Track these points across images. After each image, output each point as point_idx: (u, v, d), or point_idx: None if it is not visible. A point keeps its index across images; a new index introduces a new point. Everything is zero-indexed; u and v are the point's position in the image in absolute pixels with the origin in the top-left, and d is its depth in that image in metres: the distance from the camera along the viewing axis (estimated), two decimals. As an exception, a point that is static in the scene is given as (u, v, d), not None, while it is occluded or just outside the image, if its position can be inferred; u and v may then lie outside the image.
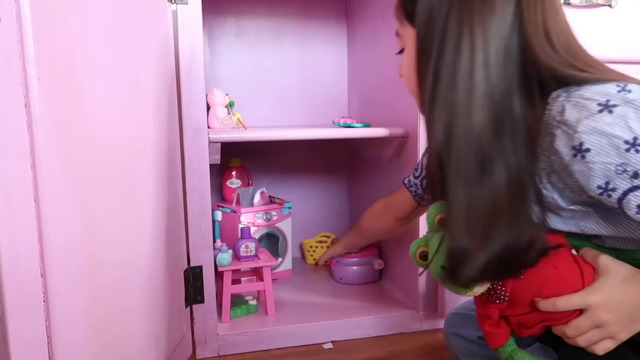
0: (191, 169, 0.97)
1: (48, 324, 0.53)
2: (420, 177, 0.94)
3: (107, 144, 0.65)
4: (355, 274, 1.33)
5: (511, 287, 0.64)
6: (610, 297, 0.57)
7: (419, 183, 0.93)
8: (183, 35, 0.94)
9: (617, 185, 0.52)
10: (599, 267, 0.59)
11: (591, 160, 0.52)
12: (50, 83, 0.52)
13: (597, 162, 0.52)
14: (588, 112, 0.52)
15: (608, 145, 0.51)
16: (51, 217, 0.53)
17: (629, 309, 0.56)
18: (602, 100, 0.51)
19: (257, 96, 1.54)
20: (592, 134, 0.51)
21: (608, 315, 0.57)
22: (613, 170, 0.51)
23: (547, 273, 0.61)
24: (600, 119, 0.51)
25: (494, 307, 0.66)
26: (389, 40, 1.23)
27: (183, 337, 0.96)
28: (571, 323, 0.59)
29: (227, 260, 1.08)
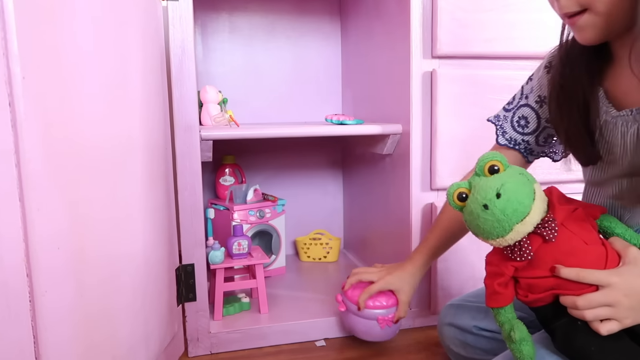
0: (183, 166, 0.97)
1: (34, 324, 0.52)
2: (534, 130, 0.81)
3: (94, 141, 0.65)
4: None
5: (537, 247, 0.63)
6: (631, 283, 0.59)
7: (531, 139, 0.82)
8: (174, 32, 0.94)
9: None
10: (627, 256, 0.61)
11: None
12: (35, 81, 0.52)
13: None
14: None
15: None
16: (37, 215, 0.52)
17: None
18: None
19: (250, 93, 1.54)
20: None
21: (623, 297, 0.59)
22: None
23: (577, 245, 0.63)
24: None
25: (510, 265, 0.65)
26: (382, 36, 1.23)
27: (175, 336, 0.96)
28: (585, 295, 0.60)
29: (219, 258, 1.08)
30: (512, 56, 1.09)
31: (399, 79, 1.12)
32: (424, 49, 1.07)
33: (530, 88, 0.81)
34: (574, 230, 0.63)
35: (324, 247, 1.52)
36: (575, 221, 0.64)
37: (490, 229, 0.63)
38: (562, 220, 0.64)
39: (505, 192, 0.62)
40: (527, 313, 0.75)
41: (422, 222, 1.11)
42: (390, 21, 1.17)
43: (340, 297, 1.00)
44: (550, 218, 0.63)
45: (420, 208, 1.10)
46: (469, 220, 0.66)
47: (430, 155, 1.09)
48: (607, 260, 0.62)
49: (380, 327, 0.95)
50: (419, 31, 1.06)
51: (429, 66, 1.07)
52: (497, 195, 0.62)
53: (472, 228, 0.67)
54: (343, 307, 0.99)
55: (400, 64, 1.11)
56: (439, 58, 1.07)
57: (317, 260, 1.52)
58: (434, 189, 1.10)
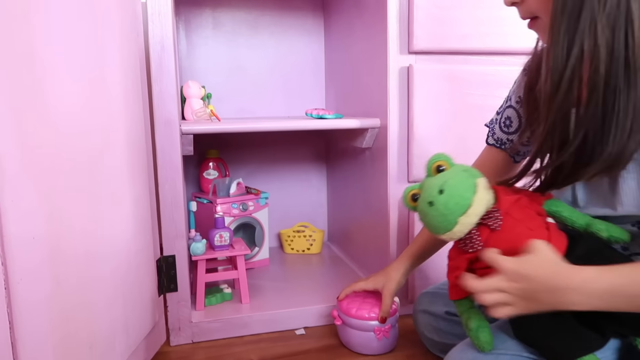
0: (163, 160, 0.99)
1: (10, 310, 0.55)
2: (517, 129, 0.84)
3: (70, 135, 0.67)
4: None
5: (486, 237, 0.67)
6: (525, 270, 0.60)
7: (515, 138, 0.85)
8: (153, 28, 0.95)
9: None
10: (530, 246, 0.62)
11: None
12: (8, 78, 0.54)
13: None
14: None
15: None
16: (11, 207, 0.54)
17: (535, 287, 0.60)
18: None
19: (234, 88, 1.55)
20: None
21: (514, 284, 0.60)
22: None
23: (521, 232, 0.65)
24: None
25: (465, 258, 0.69)
26: (362, 32, 1.25)
27: (156, 325, 0.98)
28: (483, 279, 0.63)
29: (200, 249, 1.10)
30: (486, 52, 1.11)
31: (377, 74, 1.15)
32: (401, 45, 1.09)
33: (513, 90, 0.84)
34: (518, 218, 0.66)
35: (308, 240, 1.54)
36: (520, 209, 0.67)
37: (437, 224, 0.68)
38: (506, 209, 0.67)
39: (448, 188, 0.67)
40: None
41: (400, 213, 1.14)
42: (369, 17, 1.19)
43: (335, 312, 1.01)
44: (494, 209, 0.67)
45: (398, 200, 1.13)
46: (422, 219, 0.72)
47: (407, 149, 1.12)
48: (550, 239, 0.64)
49: (377, 338, 0.95)
50: (396, 27, 1.08)
51: (405, 61, 1.10)
52: (440, 192, 0.67)
53: (426, 225, 0.71)
54: (339, 321, 0.99)
55: (378, 59, 1.13)
56: (416, 53, 1.10)
57: (301, 252, 1.55)
58: (411, 181, 1.13)
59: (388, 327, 0.96)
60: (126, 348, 0.84)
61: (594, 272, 0.58)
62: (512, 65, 0.86)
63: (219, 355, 1.00)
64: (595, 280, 0.58)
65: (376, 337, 0.95)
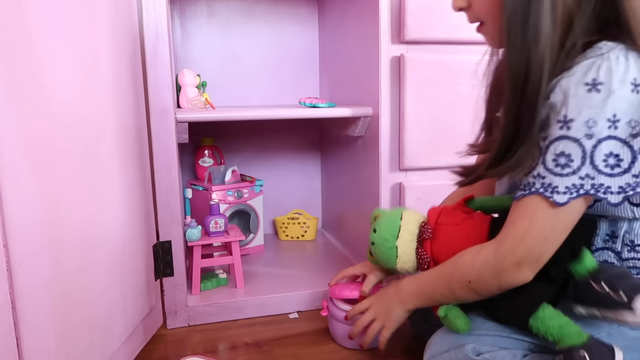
0: (158, 147, 1.01)
1: (12, 291, 0.57)
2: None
3: (66, 123, 0.68)
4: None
5: (430, 249, 0.80)
6: (379, 297, 0.87)
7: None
8: (147, 17, 0.96)
9: None
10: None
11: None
12: (5, 66, 0.55)
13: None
14: None
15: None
16: (11, 192, 0.56)
17: (387, 304, 0.84)
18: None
19: (229, 76, 1.57)
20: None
21: (379, 309, 0.85)
22: None
23: (451, 230, 0.80)
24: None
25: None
26: (354, 21, 1.26)
27: (152, 308, 1.01)
28: (357, 323, 0.87)
29: (196, 235, 1.12)
30: (476, 42, 1.12)
31: (369, 63, 1.16)
32: (393, 34, 1.11)
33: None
34: (445, 222, 0.81)
35: (302, 227, 1.57)
36: (446, 216, 0.82)
37: (384, 256, 0.86)
38: (434, 221, 0.83)
39: (378, 225, 0.88)
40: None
41: (391, 201, 1.16)
42: (362, 7, 1.20)
43: (325, 303, 1.01)
44: (423, 224, 0.83)
45: (389, 187, 1.16)
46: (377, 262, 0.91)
47: (399, 137, 1.14)
48: (475, 227, 0.77)
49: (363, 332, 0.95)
50: (387, 17, 1.10)
51: (397, 51, 1.11)
52: (374, 230, 0.88)
53: (381, 265, 0.90)
54: (325, 312, 1.00)
55: (370, 48, 1.15)
56: (407, 43, 1.11)
57: (295, 239, 1.58)
58: (402, 170, 1.15)
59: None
60: (124, 330, 0.87)
61: (403, 284, 0.83)
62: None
63: (214, 338, 1.03)
64: (404, 290, 0.82)
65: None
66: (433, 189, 1.15)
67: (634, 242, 0.69)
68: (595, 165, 0.60)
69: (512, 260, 0.66)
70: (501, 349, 0.71)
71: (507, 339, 0.71)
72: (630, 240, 0.69)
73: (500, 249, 0.67)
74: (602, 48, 0.60)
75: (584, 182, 0.60)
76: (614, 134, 0.59)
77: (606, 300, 0.64)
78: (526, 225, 0.65)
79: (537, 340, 0.70)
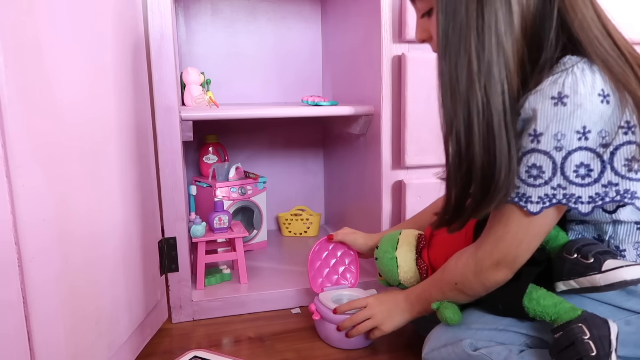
0: (163, 145, 1.03)
1: (23, 286, 0.59)
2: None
3: (75, 123, 0.70)
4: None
5: (427, 257, 0.86)
6: (381, 299, 0.90)
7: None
8: (152, 18, 0.98)
9: None
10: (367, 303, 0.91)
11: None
12: (17, 69, 0.57)
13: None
14: None
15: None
16: (22, 191, 0.58)
17: (388, 307, 0.88)
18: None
19: (233, 74, 1.58)
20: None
21: (376, 310, 0.88)
22: None
23: (445, 237, 0.86)
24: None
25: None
26: (357, 20, 1.28)
27: (158, 303, 1.03)
28: (351, 317, 0.90)
29: (200, 231, 1.14)
30: (477, 40, 1.14)
31: (371, 62, 1.18)
32: (394, 33, 1.12)
33: None
34: (439, 231, 0.87)
35: (305, 223, 1.59)
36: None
37: (387, 267, 0.93)
38: (430, 232, 0.91)
39: (380, 243, 0.97)
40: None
41: (392, 199, 1.18)
42: (364, 6, 1.22)
43: (313, 307, 0.99)
44: (419, 235, 0.93)
45: (390, 185, 1.17)
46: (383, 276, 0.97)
47: (400, 135, 1.15)
48: (466, 230, 0.80)
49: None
50: (389, 16, 1.11)
51: (398, 50, 1.12)
52: (377, 248, 0.97)
53: (386, 279, 0.96)
54: (317, 316, 0.98)
55: (372, 47, 1.16)
56: (408, 42, 1.13)
57: (298, 235, 1.60)
58: (403, 167, 1.17)
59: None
60: (130, 324, 0.89)
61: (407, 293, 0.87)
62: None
63: (218, 332, 1.05)
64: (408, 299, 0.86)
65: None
66: (434, 186, 1.16)
67: (619, 247, 0.71)
68: (567, 176, 0.62)
69: (489, 262, 0.71)
70: (498, 344, 0.72)
71: (503, 332, 0.73)
72: (616, 245, 0.71)
73: (479, 252, 0.72)
74: (566, 63, 0.62)
75: (556, 192, 0.63)
76: (584, 145, 0.61)
77: (579, 268, 0.67)
78: (501, 231, 0.69)
79: (533, 332, 0.72)
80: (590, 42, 0.62)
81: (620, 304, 0.70)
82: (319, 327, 1.00)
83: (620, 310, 0.70)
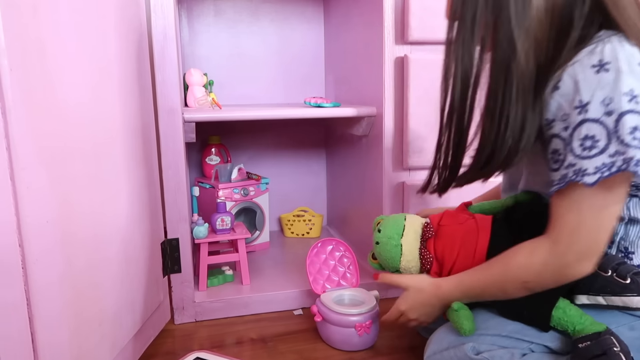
0: (166, 147, 1.03)
1: (27, 288, 0.59)
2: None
3: (78, 125, 0.71)
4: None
5: (434, 248, 0.83)
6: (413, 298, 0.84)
7: None
8: (155, 19, 0.98)
9: None
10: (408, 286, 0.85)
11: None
12: (22, 72, 0.58)
13: None
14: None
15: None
16: (26, 193, 0.58)
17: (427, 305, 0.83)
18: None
19: (236, 75, 1.59)
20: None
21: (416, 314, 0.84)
22: None
23: (454, 229, 0.83)
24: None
25: (433, 273, 0.84)
26: (359, 21, 1.28)
27: (160, 304, 1.03)
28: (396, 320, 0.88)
29: (202, 233, 1.15)
30: (480, 42, 1.14)
31: (374, 63, 1.18)
32: (396, 35, 1.12)
33: None
34: (448, 223, 0.85)
35: (307, 224, 1.59)
36: (448, 217, 0.86)
37: (389, 254, 0.88)
38: (437, 222, 0.86)
39: (383, 225, 0.90)
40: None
41: (394, 200, 1.18)
42: (366, 7, 1.22)
43: (315, 308, 1.00)
44: (425, 225, 0.87)
45: (392, 186, 1.17)
46: (381, 263, 0.92)
47: (402, 137, 1.15)
48: (478, 225, 0.81)
49: (358, 334, 0.95)
50: (391, 17, 1.11)
51: (401, 51, 1.12)
52: (378, 230, 0.91)
53: (385, 265, 0.91)
54: (319, 317, 0.99)
55: (375, 48, 1.16)
56: (411, 44, 1.13)
57: (300, 236, 1.60)
58: (405, 169, 1.17)
59: (369, 322, 0.96)
60: (133, 325, 0.89)
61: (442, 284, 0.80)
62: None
63: (221, 333, 1.05)
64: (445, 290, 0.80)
65: (357, 333, 0.95)
66: (436, 188, 1.17)
67: (628, 249, 0.71)
68: (622, 140, 0.59)
69: (572, 257, 0.66)
70: (500, 347, 0.72)
71: (506, 338, 0.72)
72: (625, 247, 0.71)
73: (557, 247, 0.67)
74: (601, 35, 0.62)
75: (614, 159, 0.59)
76: (634, 108, 0.59)
77: (615, 287, 0.66)
78: (575, 220, 0.64)
79: (537, 340, 0.72)
80: (625, 22, 0.62)
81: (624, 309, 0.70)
82: (321, 329, 1.01)
83: (625, 315, 0.70)
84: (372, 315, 0.97)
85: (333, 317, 0.96)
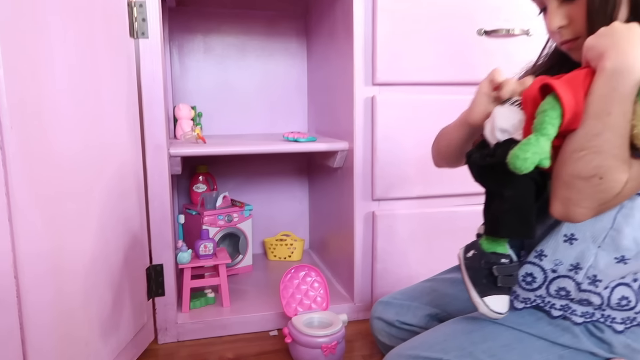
0: (152, 180, 1.12)
1: (20, 314, 0.68)
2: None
3: (71, 171, 0.80)
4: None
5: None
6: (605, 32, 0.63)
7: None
8: (144, 64, 1.09)
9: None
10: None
11: None
12: (21, 129, 0.68)
13: None
14: None
15: None
16: (22, 231, 0.68)
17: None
18: None
19: (223, 107, 1.69)
20: None
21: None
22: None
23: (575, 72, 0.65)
24: None
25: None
26: (335, 61, 1.38)
27: (144, 325, 1.12)
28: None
29: (186, 258, 1.23)
30: (441, 83, 1.25)
31: (346, 101, 1.28)
32: (366, 77, 1.22)
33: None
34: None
35: (289, 248, 1.68)
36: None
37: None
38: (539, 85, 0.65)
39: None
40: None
41: (364, 228, 1.27)
42: (340, 48, 1.32)
43: (286, 330, 1.08)
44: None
45: (363, 216, 1.26)
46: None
47: (372, 170, 1.25)
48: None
49: (324, 355, 1.03)
50: (361, 61, 1.21)
51: (370, 92, 1.23)
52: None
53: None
54: (289, 339, 1.06)
55: (347, 88, 1.27)
56: (379, 85, 1.23)
57: (283, 259, 1.69)
58: (374, 200, 1.26)
59: (335, 343, 1.04)
60: (117, 345, 0.98)
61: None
62: (464, 94, 0.94)
63: (201, 352, 1.13)
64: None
65: (323, 353, 1.03)
66: (404, 217, 1.26)
67: (596, 276, 0.74)
68: None
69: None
70: None
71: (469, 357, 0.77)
72: (593, 274, 0.74)
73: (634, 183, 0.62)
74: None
75: None
76: None
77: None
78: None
79: None
80: None
81: (555, 339, 0.75)
82: (292, 349, 1.09)
83: (555, 345, 0.75)
84: (338, 337, 1.06)
85: (301, 338, 1.05)
